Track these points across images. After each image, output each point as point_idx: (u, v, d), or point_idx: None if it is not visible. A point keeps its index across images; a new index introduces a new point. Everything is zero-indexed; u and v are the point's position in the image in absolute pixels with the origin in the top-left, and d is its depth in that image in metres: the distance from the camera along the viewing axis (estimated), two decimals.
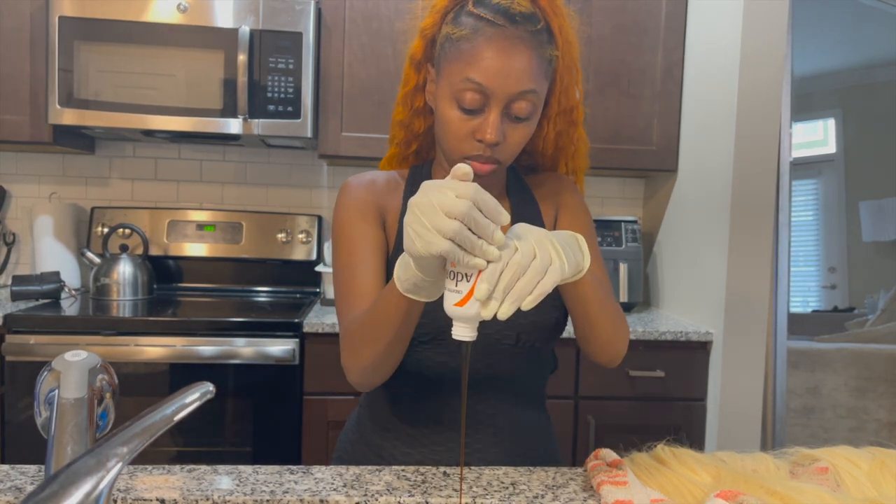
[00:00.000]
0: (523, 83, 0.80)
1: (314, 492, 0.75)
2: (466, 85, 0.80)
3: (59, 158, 2.37)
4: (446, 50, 0.83)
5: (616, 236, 2.24)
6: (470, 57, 0.80)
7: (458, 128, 0.83)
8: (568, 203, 0.98)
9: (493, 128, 0.81)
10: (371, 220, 0.91)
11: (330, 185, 2.46)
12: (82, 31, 1.93)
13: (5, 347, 1.74)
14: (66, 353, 0.60)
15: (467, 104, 0.81)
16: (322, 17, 2.06)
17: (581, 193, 1.01)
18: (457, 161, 0.85)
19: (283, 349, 1.80)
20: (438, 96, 0.85)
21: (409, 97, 0.93)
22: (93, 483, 0.44)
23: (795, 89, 1.99)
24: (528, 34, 0.81)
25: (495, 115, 0.81)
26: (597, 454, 0.84)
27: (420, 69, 0.91)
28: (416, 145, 0.98)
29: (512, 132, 0.83)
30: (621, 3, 2.14)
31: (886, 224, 4.39)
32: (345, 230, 0.90)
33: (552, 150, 0.96)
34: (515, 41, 0.80)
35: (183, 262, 2.34)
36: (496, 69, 0.79)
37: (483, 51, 0.79)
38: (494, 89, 0.79)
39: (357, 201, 0.91)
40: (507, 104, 0.81)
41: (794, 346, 2.62)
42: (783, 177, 1.93)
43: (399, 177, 0.97)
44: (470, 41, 0.80)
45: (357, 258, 0.88)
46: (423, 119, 0.94)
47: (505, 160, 0.86)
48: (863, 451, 0.81)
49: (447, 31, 0.84)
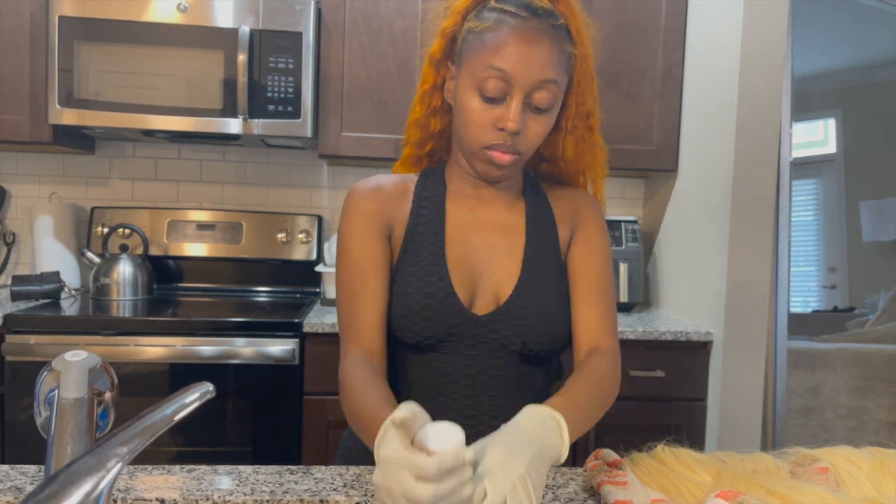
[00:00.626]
0: (546, 72, 0.82)
1: (314, 492, 0.75)
2: (490, 73, 0.82)
3: (59, 158, 2.37)
4: (469, 43, 0.86)
5: (616, 236, 2.25)
6: (494, 45, 0.82)
7: (480, 117, 0.84)
8: (586, 227, 0.97)
9: (516, 115, 0.82)
10: (376, 233, 0.90)
11: (330, 185, 2.46)
12: (82, 31, 1.93)
13: (5, 347, 1.74)
14: (66, 353, 0.60)
15: (490, 92, 0.83)
16: (322, 17, 2.06)
17: (601, 206, 1.01)
18: (476, 153, 0.87)
19: (283, 349, 1.80)
20: (459, 87, 0.87)
21: (427, 96, 0.94)
22: (93, 483, 0.44)
23: (795, 89, 1.99)
24: (549, 27, 0.83)
25: (517, 103, 0.83)
26: (597, 454, 0.84)
27: (439, 68, 0.92)
28: (431, 145, 0.99)
29: (532, 123, 0.85)
30: (621, 3, 2.14)
31: (886, 224, 4.39)
32: (349, 243, 0.90)
33: (572, 156, 0.96)
34: (538, 31, 0.82)
35: (183, 262, 2.34)
36: (520, 56, 0.81)
37: (507, 39, 0.82)
38: (517, 76, 0.81)
39: (362, 213, 0.91)
40: (529, 93, 0.83)
41: (794, 346, 2.62)
42: (783, 177, 1.93)
43: (408, 182, 0.96)
44: (493, 31, 0.83)
45: (358, 279, 0.88)
46: (440, 118, 0.95)
47: (525, 151, 0.87)
48: (863, 451, 0.81)
49: (470, 26, 0.86)
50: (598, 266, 0.94)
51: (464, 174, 0.95)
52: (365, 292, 0.88)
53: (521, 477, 0.61)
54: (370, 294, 0.88)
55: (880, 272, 4.45)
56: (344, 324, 0.89)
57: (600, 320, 0.92)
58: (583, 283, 0.93)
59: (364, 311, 0.87)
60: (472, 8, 0.88)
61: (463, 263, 0.90)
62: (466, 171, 0.94)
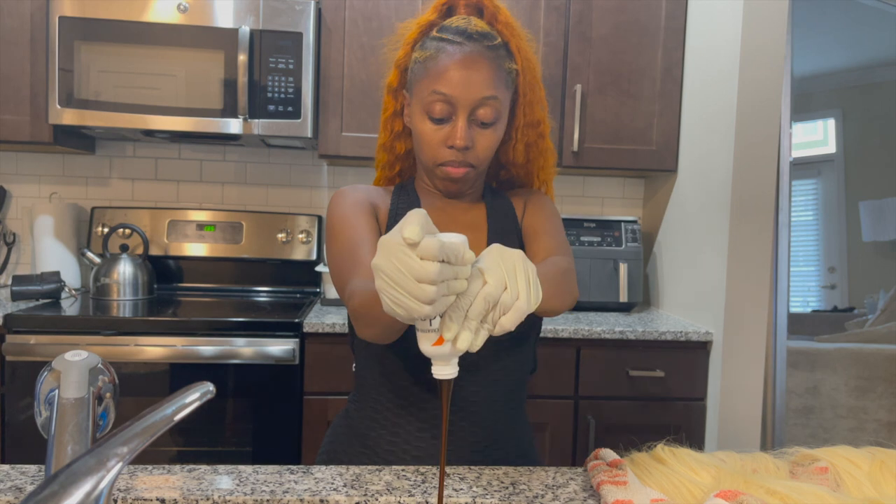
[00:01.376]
0: (484, 90, 0.90)
1: (314, 492, 0.75)
2: (434, 97, 0.90)
3: (60, 158, 2.37)
4: (415, 72, 0.94)
5: (616, 236, 2.25)
6: (435, 72, 0.91)
7: (431, 137, 0.93)
8: (536, 200, 1.06)
9: (462, 133, 0.91)
10: (367, 213, 0.96)
11: (330, 185, 2.46)
12: (82, 31, 1.93)
13: (5, 347, 1.74)
14: (66, 353, 0.60)
15: (436, 114, 0.91)
16: (322, 17, 2.06)
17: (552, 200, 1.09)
18: (433, 170, 0.96)
19: (283, 349, 1.80)
20: (413, 113, 0.95)
21: (389, 122, 1.03)
22: (93, 483, 0.44)
23: (795, 89, 1.99)
24: (485, 48, 0.91)
25: (462, 121, 0.91)
26: (597, 454, 0.84)
27: (397, 96, 1.01)
28: (399, 166, 1.07)
29: (480, 137, 0.93)
30: (621, 3, 2.14)
31: (886, 224, 4.39)
32: (343, 221, 0.94)
33: (523, 161, 1.04)
34: (474, 54, 0.90)
35: (183, 262, 2.34)
36: (458, 79, 0.89)
37: (446, 65, 0.90)
38: (459, 97, 0.90)
39: (351, 199, 0.97)
40: (472, 111, 0.91)
41: (794, 346, 2.62)
42: (783, 177, 1.93)
43: (385, 191, 1.06)
44: (434, 59, 0.91)
45: (357, 239, 0.91)
46: (403, 141, 1.04)
47: (478, 163, 0.95)
48: (863, 451, 0.81)
49: (416, 56, 0.95)
50: (553, 225, 1.01)
51: (429, 189, 1.03)
52: (365, 248, 0.89)
53: (521, 266, 0.61)
54: (370, 244, 0.90)
55: (880, 272, 4.45)
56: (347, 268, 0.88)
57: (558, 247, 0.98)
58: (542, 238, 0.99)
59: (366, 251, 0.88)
60: (419, 39, 0.97)
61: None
62: (429, 186, 1.03)
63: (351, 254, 0.89)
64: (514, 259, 0.60)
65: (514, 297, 0.59)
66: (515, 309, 0.59)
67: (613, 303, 2.21)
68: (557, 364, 1.90)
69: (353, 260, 0.88)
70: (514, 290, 0.59)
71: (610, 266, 2.21)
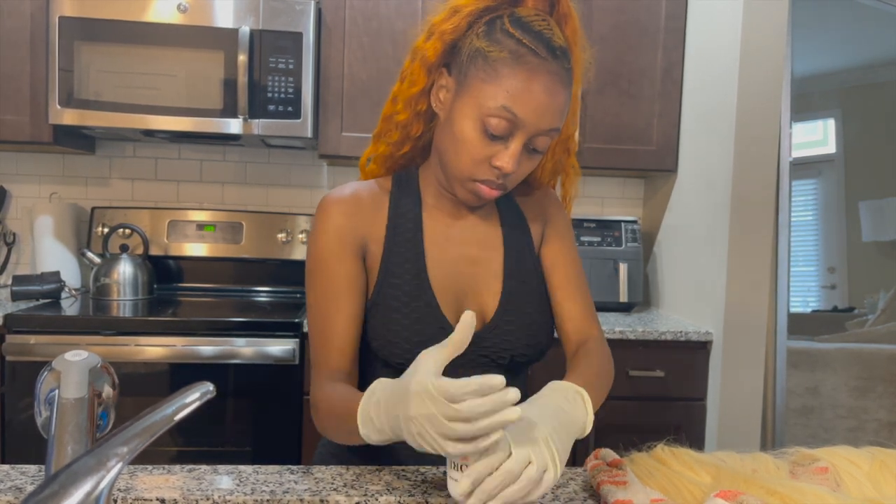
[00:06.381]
0: (555, 121, 0.80)
1: (314, 492, 0.75)
2: (501, 112, 0.77)
3: (60, 158, 2.37)
4: (479, 66, 0.79)
5: (616, 236, 2.25)
6: (511, 86, 0.77)
7: (477, 150, 0.80)
8: (555, 223, 0.98)
9: (513, 158, 0.79)
10: (350, 252, 0.87)
11: (330, 185, 2.46)
12: (82, 31, 1.93)
13: (5, 347, 1.74)
14: (66, 353, 0.60)
15: (494, 130, 0.78)
16: (322, 17, 2.06)
17: (568, 210, 1.01)
18: (464, 182, 0.83)
19: (283, 349, 1.80)
20: (457, 110, 0.81)
21: (414, 99, 0.88)
22: (93, 483, 0.44)
23: (795, 89, 1.99)
24: (564, 71, 0.80)
25: (518, 146, 0.79)
26: (597, 454, 0.84)
27: (431, 72, 0.85)
28: (408, 148, 0.94)
29: (524, 163, 0.83)
30: (621, 3, 2.14)
31: (886, 224, 4.38)
32: (320, 264, 0.87)
33: (549, 179, 0.98)
34: (556, 78, 0.78)
35: (183, 262, 2.34)
36: (536, 105, 0.77)
37: (527, 84, 0.77)
38: (528, 123, 0.78)
39: (336, 229, 0.87)
40: (532, 138, 0.80)
41: (794, 346, 2.62)
42: (783, 177, 1.93)
43: (381, 189, 0.93)
44: (511, 67, 0.77)
45: (331, 302, 0.85)
46: (423, 124, 0.90)
47: (511, 187, 0.86)
48: (863, 451, 0.81)
49: (480, 46, 0.79)
50: (572, 258, 0.97)
51: (440, 189, 0.92)
52: (338, 314, 0.85)
53: (546, 440, 0.62)
54: (343, 316, 0.85)
55: (880, 272, 4.44)
56: (316, 346, 0.86)
57: (583, 311, 0.95)
58: (561, 277, 0.95)
59: (336, 335, 0.84)
60: (480, 16, 0.81)
61: (447, 283, 0.89)
62: (444, 186, 0.90)
63: (323, 318, 0.85)
64: (542, 434, 0.63)
65: (539, 472, 0.61)
66: (544, 484, 0.61)
67: (613, 303, 2.21)
68: (557, 364, 1.89)
69: (323, 335, 0.85)
70: (540, 464, 0.61)
71: (610, 266, 2.21)
